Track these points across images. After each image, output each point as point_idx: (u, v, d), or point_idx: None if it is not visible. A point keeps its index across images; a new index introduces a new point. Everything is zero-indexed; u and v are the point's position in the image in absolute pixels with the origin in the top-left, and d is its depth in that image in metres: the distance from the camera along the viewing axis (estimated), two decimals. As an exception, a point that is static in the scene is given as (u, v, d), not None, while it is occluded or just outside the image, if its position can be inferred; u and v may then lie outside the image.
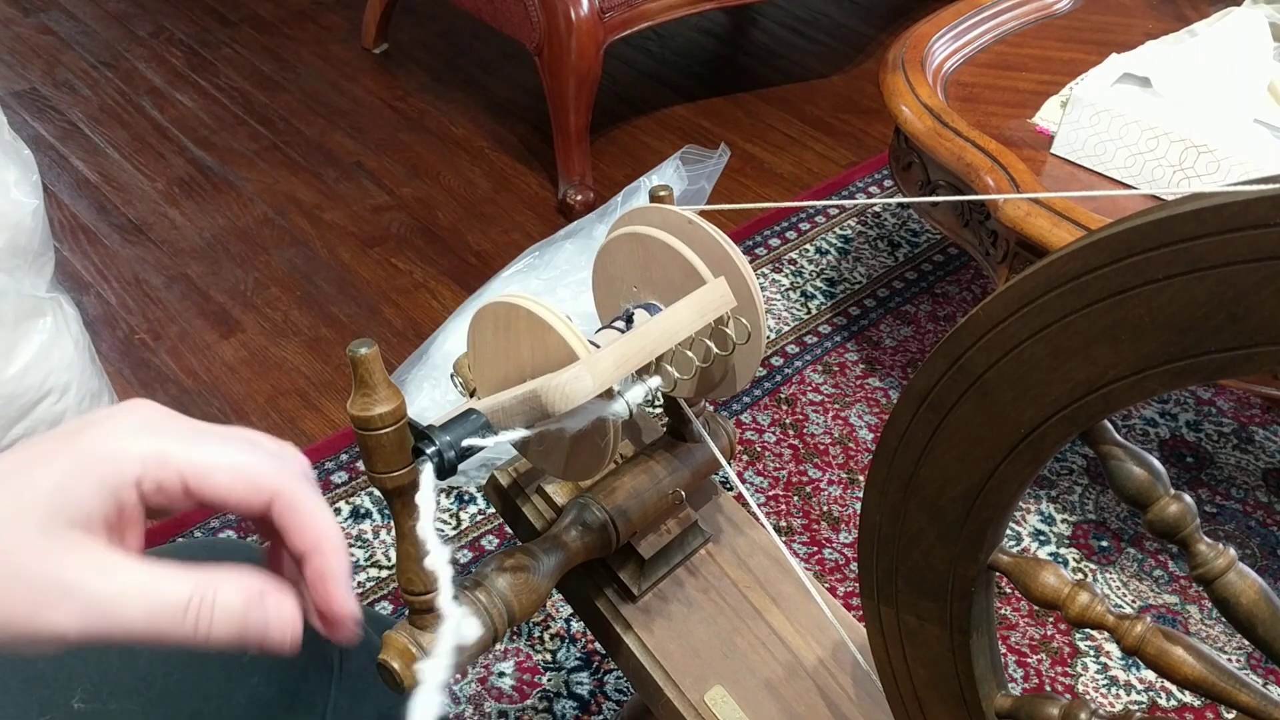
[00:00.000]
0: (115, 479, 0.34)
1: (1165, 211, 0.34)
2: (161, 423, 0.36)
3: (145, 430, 0.35)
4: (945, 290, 1.67)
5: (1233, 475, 1.39)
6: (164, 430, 0.35)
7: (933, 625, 0.48)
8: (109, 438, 0.34)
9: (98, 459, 0.34)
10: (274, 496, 0.36)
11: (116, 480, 0.34)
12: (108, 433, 0.34)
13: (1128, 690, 1.16)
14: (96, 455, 0.34)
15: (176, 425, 0.36)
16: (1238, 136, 1.10)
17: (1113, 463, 0.41)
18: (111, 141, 1.91)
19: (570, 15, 1.63)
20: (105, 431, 0.34)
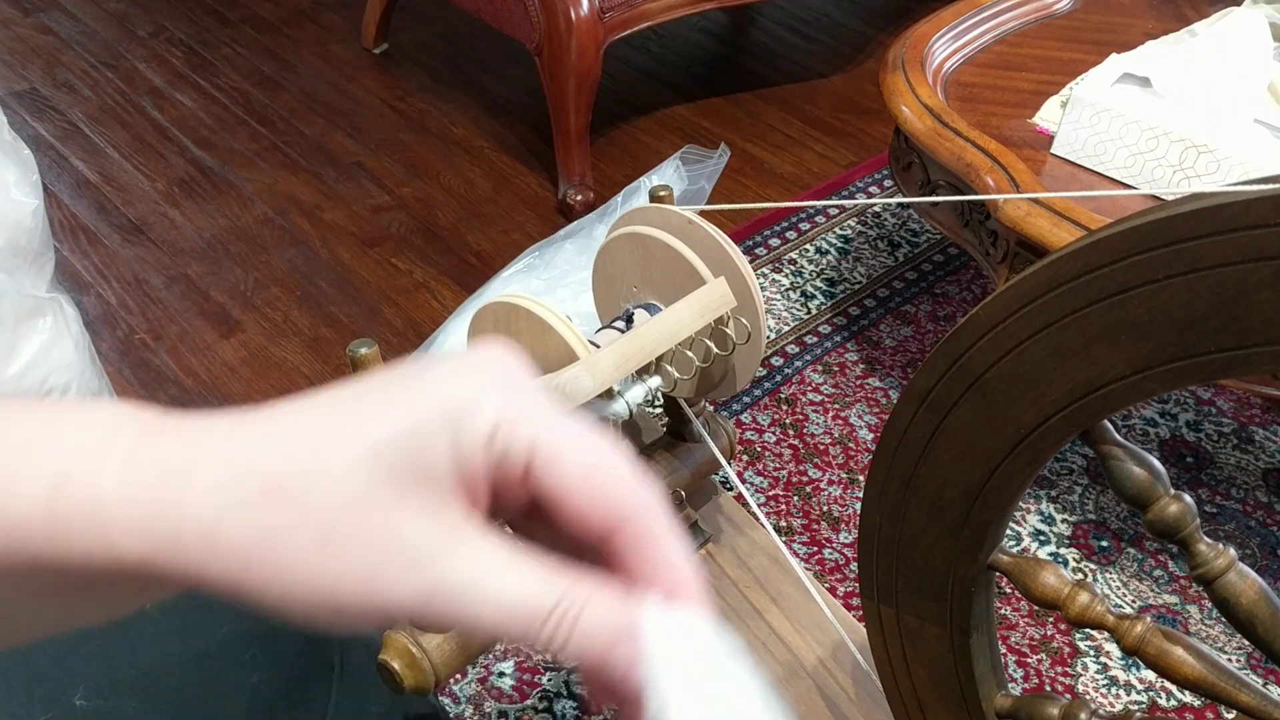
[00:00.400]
0: (469, 435, 0.27)
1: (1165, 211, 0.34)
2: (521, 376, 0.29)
3: (505, 380, 0.28)
4: (945, 290, 1.67)
5: (1233, 475, 1.39)
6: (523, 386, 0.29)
7: (933, 625, 0.48)
8: (467, 381, 0.28)
9: (453, 405, 0.27)
10: (629, 518, 0.28)
11: (472, 435, 0.27)
12: (465, 374, 0.28)
13: (1128, 690, 1.16)
14: (450, 399, 0.27)
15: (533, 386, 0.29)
16: (1238, 136, 1.10)
17: (1113, 463, 0.41)
18: (111, 141, 1.91)
19: (570, 15, 1.63)
20: (463, 372, 0.28)
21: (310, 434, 0.27)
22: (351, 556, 0.26)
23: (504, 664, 1.14)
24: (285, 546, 0.26)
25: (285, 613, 0.27)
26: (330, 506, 0.26)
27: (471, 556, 0.27)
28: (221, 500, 0.26)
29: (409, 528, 0.26)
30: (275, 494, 0.26)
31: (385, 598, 0.26)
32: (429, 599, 0.26)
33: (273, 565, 0.26)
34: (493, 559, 0.27)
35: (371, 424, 0.27)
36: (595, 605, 0.27)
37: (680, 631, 0.27)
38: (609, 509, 0.28)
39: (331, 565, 0.26)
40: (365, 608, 0.27)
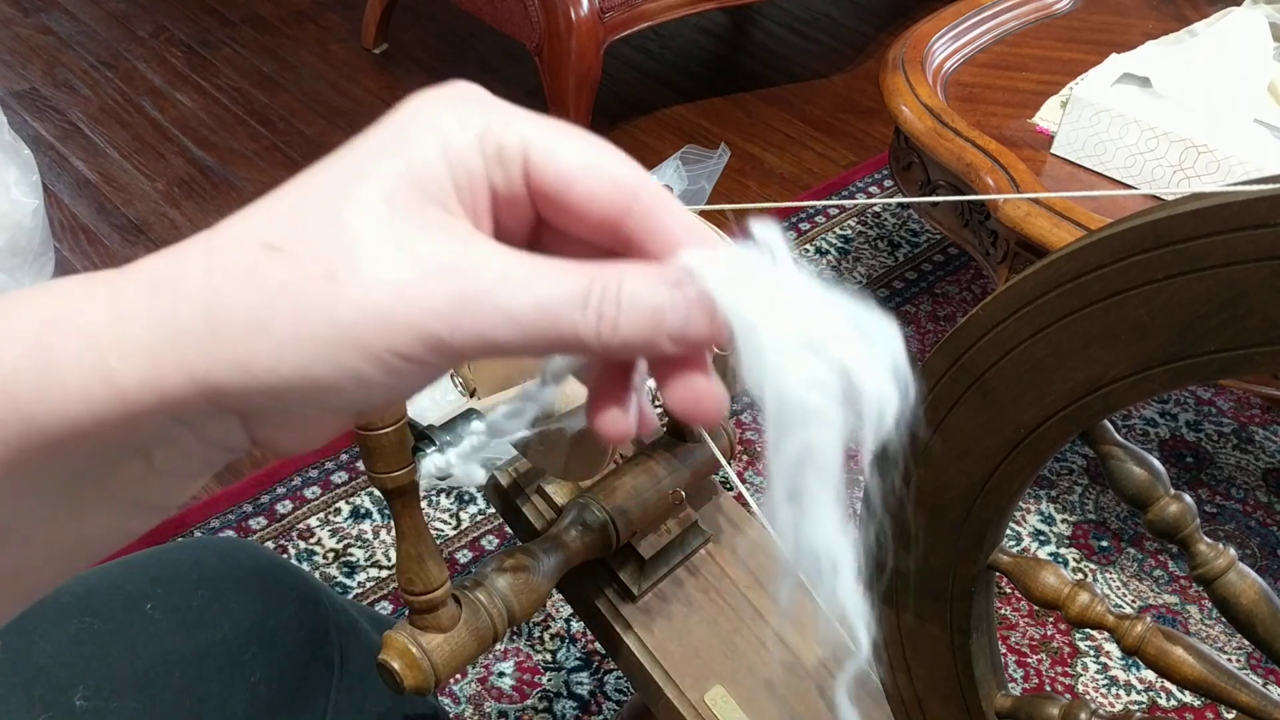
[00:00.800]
0: (459, 136, 0.26)
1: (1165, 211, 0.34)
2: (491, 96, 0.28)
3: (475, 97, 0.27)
4: (945, 290, 1.67)
5: (1233, 475, 1.39)
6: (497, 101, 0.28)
7: (933, 625, 0.48)
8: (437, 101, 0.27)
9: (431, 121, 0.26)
10: (637, 195, 0.27)
11: (461, 137, 0.26)
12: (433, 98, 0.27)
13: (1128, 690, 1.16)
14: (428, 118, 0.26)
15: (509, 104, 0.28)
16: (1238, 136, 1.10)
17: (1113, 463, 0.41)
18: (111, 141, 1.91)
19: (570, 15, 1.63)
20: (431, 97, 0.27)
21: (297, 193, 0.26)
22: (366, 282, 0.24)
23: (504, 664, 1.14)
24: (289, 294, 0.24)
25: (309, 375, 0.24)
26: (333, 240, 0.24)
27: (494, 257, 0.25)
28: (218, 274, 0.24)
29: (423, 244, 0.25)
30: (272, 249, 0.24)
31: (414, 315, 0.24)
32: (460, 305, 0.24)
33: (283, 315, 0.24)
34: (515, 258, 0.25)
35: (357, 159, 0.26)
36: (632, 276, 0.26)
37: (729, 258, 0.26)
38: (617, 187, 0.27)
39: (347, 297, 0.24)
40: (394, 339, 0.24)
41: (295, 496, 1.31)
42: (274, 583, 0.59)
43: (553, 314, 0.25)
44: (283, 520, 1.28)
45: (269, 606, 0.58)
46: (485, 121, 0.26)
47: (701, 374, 0.28)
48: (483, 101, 0.27)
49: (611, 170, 0.27)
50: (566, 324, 0.25)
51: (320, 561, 1.24)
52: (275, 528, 1.27)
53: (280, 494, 1.31)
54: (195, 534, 1.25)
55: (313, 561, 1.24)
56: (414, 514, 0.52)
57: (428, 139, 0.26)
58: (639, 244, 0.27)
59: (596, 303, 0.25)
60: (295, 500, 1.30)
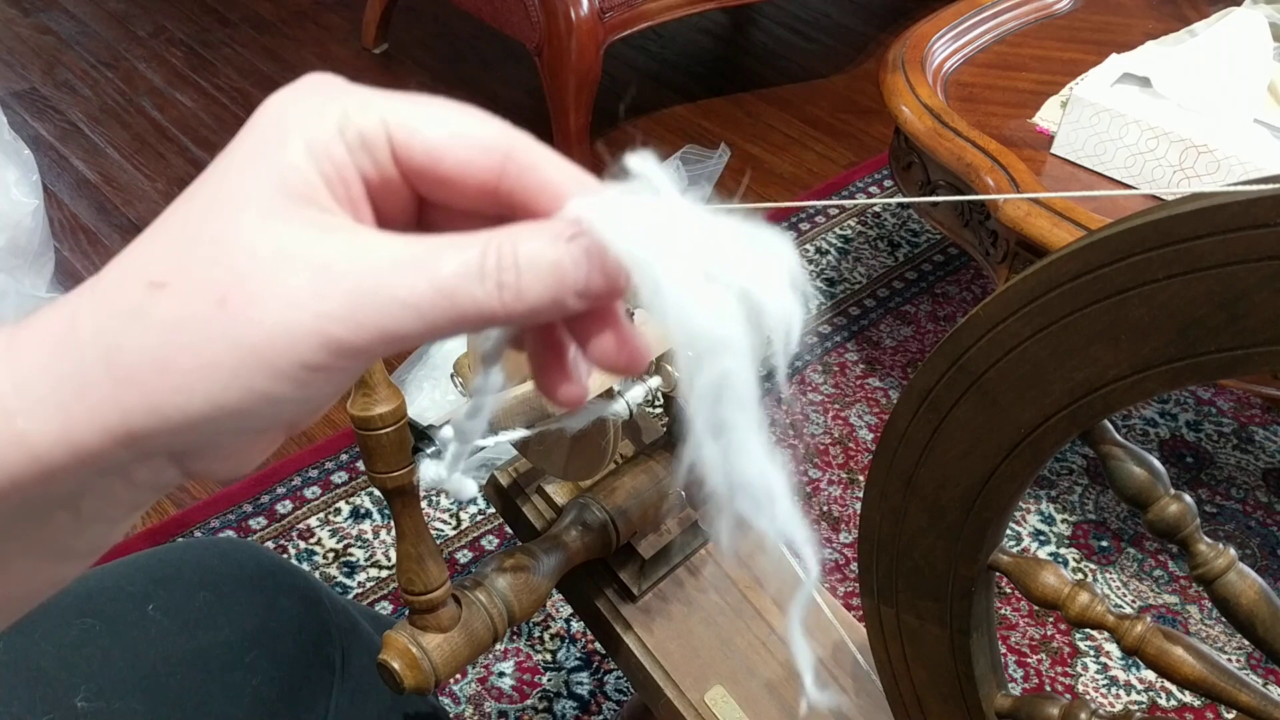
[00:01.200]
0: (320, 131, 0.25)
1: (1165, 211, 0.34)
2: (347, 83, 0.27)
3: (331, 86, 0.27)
4: (945, 290, 1.67)
5: (1233, 475, 1.39)
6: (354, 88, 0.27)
7: (933, 625, 0.48)
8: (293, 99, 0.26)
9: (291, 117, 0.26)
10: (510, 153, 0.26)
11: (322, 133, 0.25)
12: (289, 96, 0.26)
13: (1128, 690, 1.16)
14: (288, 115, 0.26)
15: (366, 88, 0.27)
16: (1238, 136, 1.10)
17: (1113, 463, 0.41)
18: (111, 141, 1.91)
19: (570, 15, 1.63)
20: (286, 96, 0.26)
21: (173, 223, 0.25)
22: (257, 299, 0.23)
23: (504, 664, 1.14)
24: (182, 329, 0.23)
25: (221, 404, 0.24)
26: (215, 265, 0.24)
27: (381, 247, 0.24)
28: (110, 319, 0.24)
29: (304, 246, 0.24)
30: (156, 285, 0.24)
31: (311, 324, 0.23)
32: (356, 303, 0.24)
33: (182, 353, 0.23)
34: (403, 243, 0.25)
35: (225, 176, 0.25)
36: (526, 237, 0.25)
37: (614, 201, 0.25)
38: (486, 149, 0.26)
39: (242, 318, 0.23)
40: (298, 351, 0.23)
41: (295, 496, 1.31)
42: (275, 584, 0.59)
43: (451, 292, 0.24)
44: (283, 520, 1.28)
45: (271, 608, 0.58)
46: (342, 110, 0.26)
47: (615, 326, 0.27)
48: (337, 89, 0.26)
49: (478, 134, 0.26)
50: (468, 300, 0.24)
51: (320, 561, 1.24)
52: (275, 528, 1.27)
53: (280, 494, 1.31)
54: (195, 534, 1.25)
55: (313, 561, 1.24)
56: (414, 514, 0.53)
57: (289, 140, 0.25)
58: (524, 204, 0.26)
59: (494, 271, 0.24)
60: (295, 500, 1.30)
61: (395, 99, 0.26)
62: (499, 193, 0.26)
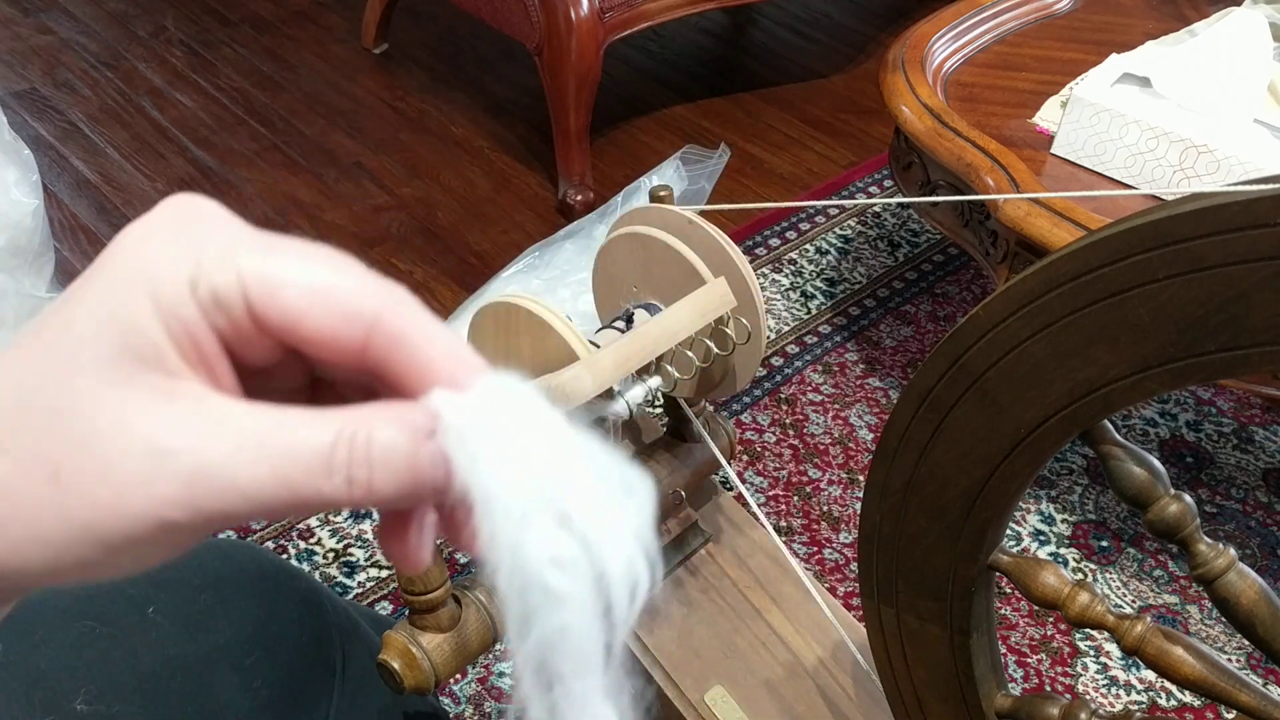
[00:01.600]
0: (169, 289, 0.23)
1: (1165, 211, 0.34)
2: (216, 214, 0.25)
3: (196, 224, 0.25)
4: (945, 290, 1.67)
5: (1233, 475, 1.39)
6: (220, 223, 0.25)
7: (933, 625, 0.48)
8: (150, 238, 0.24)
9: (139, 265, 0.24)
10: (374, 323, 0.24)
11: (171, 290, 0.23)
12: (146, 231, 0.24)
13: (1128, 690, 1.16)
14: (138, 262, 0.24)
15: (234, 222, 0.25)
16: (1238, 136, 1.10)
17: (1113, 463, 0.41)
18: (111, 141, 1.91)
19: (570, 15, 1.63)
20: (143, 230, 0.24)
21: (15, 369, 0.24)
22: (92, 477, 0.23)
23: (504, 664, 1.14)
24: (18, 499, 0.23)
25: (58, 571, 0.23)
26: (50, 434, 0.23)
27: (225, 424, 0.23)
28: None
29: (143, 420, 0.23)
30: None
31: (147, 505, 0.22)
32: (195, 487, 0.23)
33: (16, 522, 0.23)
34: (247, 418, 0.23)
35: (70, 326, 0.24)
36: (381, 424, 0.23)
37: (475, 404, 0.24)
38: (349, 316, 0.24)
39: (74, 496, 0.23)
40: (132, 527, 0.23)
41: (295, 497, 1.31)
42: (276, 586, 0.59)
43: (295, 486, 0.23)
44: (283, 520, 1.28)
45: (271, 610, 0.58)
46: (196, 262, 0.24)
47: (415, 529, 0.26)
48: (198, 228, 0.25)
49: (341, 298, 0.24)
50: (312, 493, 0.23)
51: (320, 562, 1.24)
52: (275, 528, 1.27)
53: (280, 494, 1.31)
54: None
55: (313, 562, 1.24)
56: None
57: (136, 294, 0.23)
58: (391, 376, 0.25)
59: (344, 464, 0.23)
60: (295, 500, 1.30)
61: (259, 248, 0.24)
62: (365, 360, 0.25)
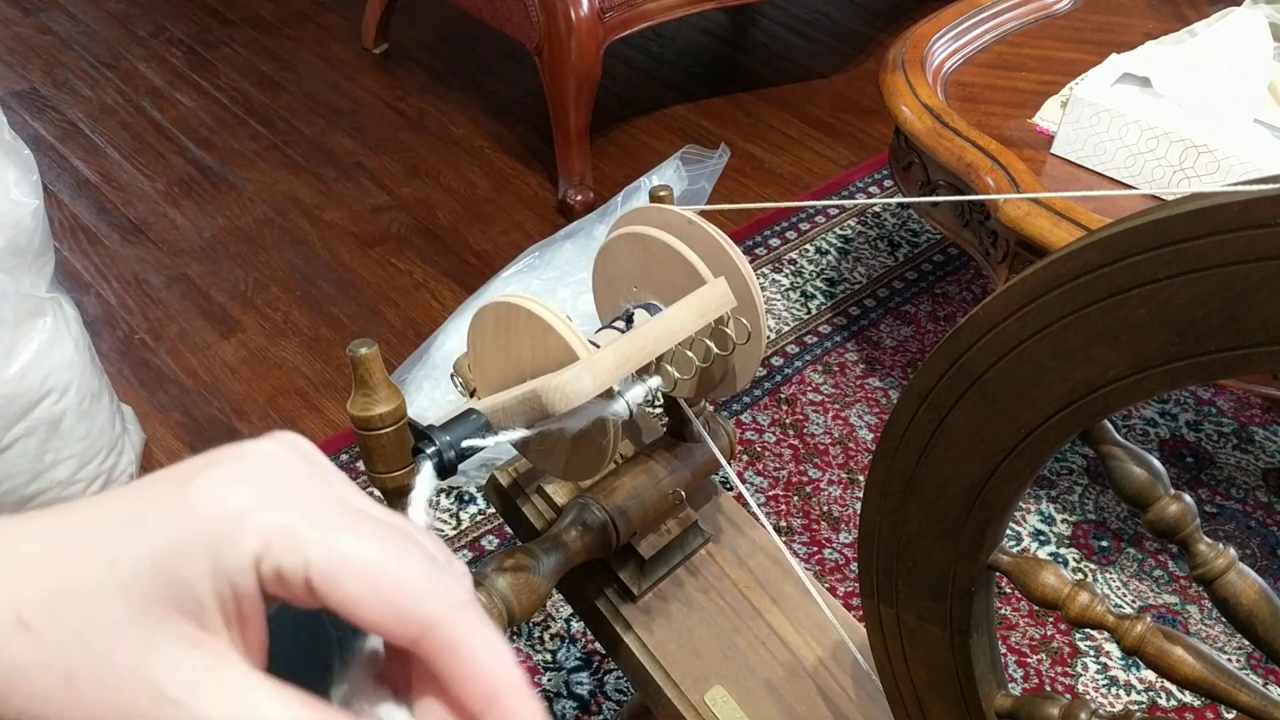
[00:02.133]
0: (232, 557, 0.25)
1: (1165, 211, 0.34)
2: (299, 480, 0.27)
3: (276, 491, 0.26)
4: (945, 290, 1.67)
5: (1233, 475, 1.39)
6: (301, 494, 0.26)
7: (933, 625, 0.48)
8: (229, 496, 0.26)
9: (211, 525, 0.25)
10: (427, 631, 0.26)
11: (234, 559, 0.25)
12: (227, 487, 0.26)
13: (1128, 690, 1.16)
14: (209, 519, 0.25)
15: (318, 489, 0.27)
16: (1238, 136, 1.10)
17: (1113, 463, 0.41)
18: (111, 141, 1.91)
19: (570, 15, 1.63)
20: (225, 485, 0.26)
21: (65, 557, 0.26)
22: (100, 696, 0.25)
23: (504, 664, 1.14)
24: (33, 683, 0.25)
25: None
26: (77, 640, 0.25)
27: (229, 696, 0.25)
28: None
29: (163, 665, 0.25)
30: (23, 626, 0.25)
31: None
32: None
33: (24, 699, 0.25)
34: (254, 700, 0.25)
35: (124, 545, 0.25)
36: None
37: None
38: (403, 623, 0.26)
39: (80, 703, 0.25)
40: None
41: (295, 497, 1.31)
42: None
43: None
44: None
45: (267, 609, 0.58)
46: (264, 541, 0.25)
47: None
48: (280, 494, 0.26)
49: (402, 601, 0.26)
50: None
51: (320, 562, 1.24)
52: (275, 528, 1.27)
53: (280, 494, 1.31)
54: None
55: (313, 562, 1.24)
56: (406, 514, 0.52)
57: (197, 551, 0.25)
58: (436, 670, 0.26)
59: None
60: (295, 500, 1.30)
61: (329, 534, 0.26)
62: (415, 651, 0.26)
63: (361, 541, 0.26)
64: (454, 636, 0.26)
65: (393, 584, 0.26)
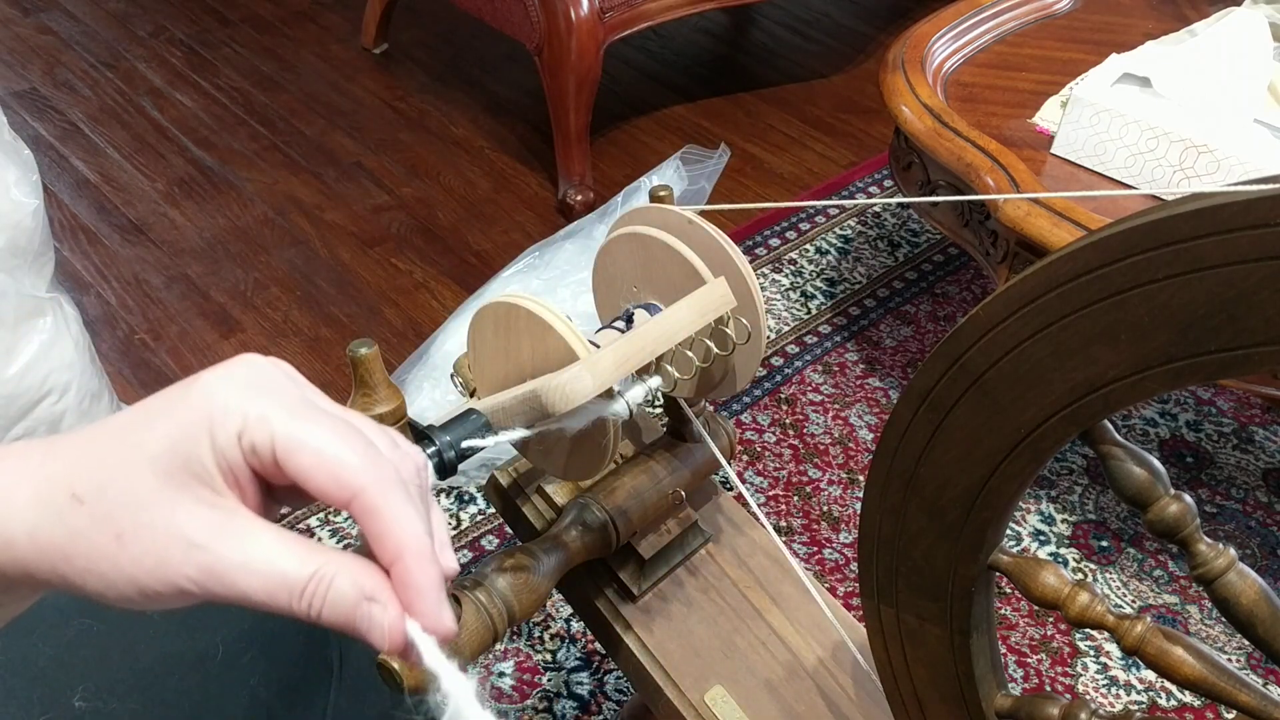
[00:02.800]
0: (223, 436, 0.33)
1: (1165, 211, 0.34)
2: (274, 382, 0.34)
3: (254, 387, 0.34)
4: (945, 290, 1.67)
5: (1233, 475, 1.39)
6: (273, 391, 0.34)
7: (933, 625, 0.48)
8: (219, 390, 0.34)
9: (207, 413, 0.33)
10: (355, 496, 0.34)
11: (224, 437, 0.33)
12: (218, 384, 0.34)
13: (1128, 690, 1.16)
14: (207, 408, 0.33)
15: (287, 389, 0.35)
16: (1238, 136, 1.10)
17: (1113, 463, 0.41)
18: (111, 141, 1.91)
19: (570, 15, 1.63)
20: (216, 383, 0.34)
21: (103, 448, 0.33)
22: (143, 547, 0.32)
23: (504, 664, 1.14)
24: (89, 543, 0.32)
25: (104, 597, 0.33)
26: (122, 507, 0.32)
27: (242, 542, 0.32)
28: (38, 509, 0.32)
29: (188, 519, 0.32)
30: (78, 501, 0.32)
31: (175, 578, 0.32)
32: (208, 577, 0.32)
33: (83, 557, 0.32)
34: (259, 544, 0.33)
35: (150, 436, 0.33)
36: (341, 577, 0.33)
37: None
38: (339, 488, 0.33)
39: (128, 555, 0.32)
40: (162, 588, 0.32)
41: (295, 497, 1.31)
42: (273, 583, 0.59)
43: (274, 597, 0.33)
44: (283, 520, 1.28)
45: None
46: (243, 421, 0.33)
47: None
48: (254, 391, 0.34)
49: (338, 470, 0.33)
50: (284, 603, 0.33)
51: (320, 562, 1.24)
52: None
53: (280, 494, 1.31)
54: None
55: (313, 562, 1.24)
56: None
57: (200, 433, 0.33)
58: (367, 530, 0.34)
59: (309, 595, 0.33)
60: (295, 500, 1.30)
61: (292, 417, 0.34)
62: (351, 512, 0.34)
63: (315, 427, 0.34)
64: (376, 503, 0.34)
65: (333, 458, 0.33)
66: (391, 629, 0.34)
